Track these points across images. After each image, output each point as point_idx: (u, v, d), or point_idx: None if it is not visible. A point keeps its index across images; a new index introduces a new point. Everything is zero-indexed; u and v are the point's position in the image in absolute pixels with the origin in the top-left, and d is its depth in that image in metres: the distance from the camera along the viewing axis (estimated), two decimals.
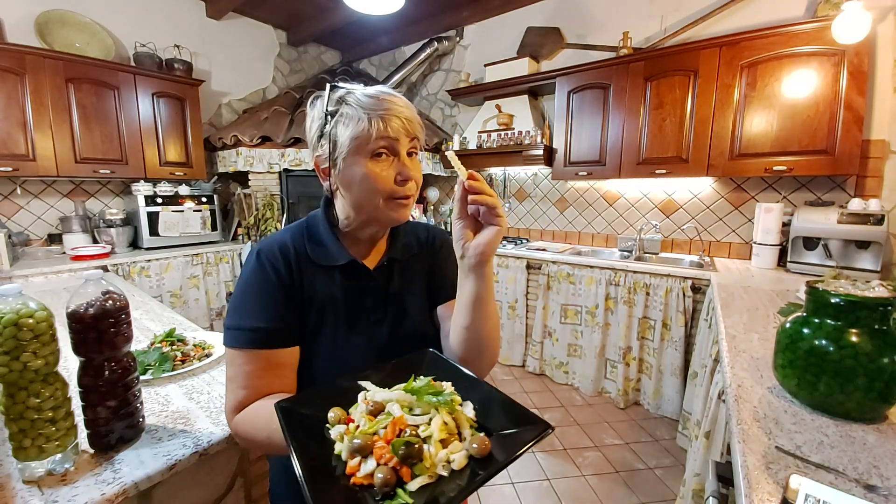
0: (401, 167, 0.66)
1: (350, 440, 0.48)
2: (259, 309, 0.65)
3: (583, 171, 2.84)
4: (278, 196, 3.39)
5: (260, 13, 3.70)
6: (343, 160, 0.65)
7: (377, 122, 0.62)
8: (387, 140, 0.64)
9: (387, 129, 0.63)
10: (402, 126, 0.64)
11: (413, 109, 0.68)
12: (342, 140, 0.64)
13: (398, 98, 0.67)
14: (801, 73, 2.05)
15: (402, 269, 0.78)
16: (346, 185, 0.67)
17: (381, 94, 0.66)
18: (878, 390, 0.67)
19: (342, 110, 0.65)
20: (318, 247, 0.71)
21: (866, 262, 2.00)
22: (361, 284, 0.73)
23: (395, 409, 0.52)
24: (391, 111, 0.64)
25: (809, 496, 0.53)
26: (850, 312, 0.70)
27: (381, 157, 0.64)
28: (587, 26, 3.01)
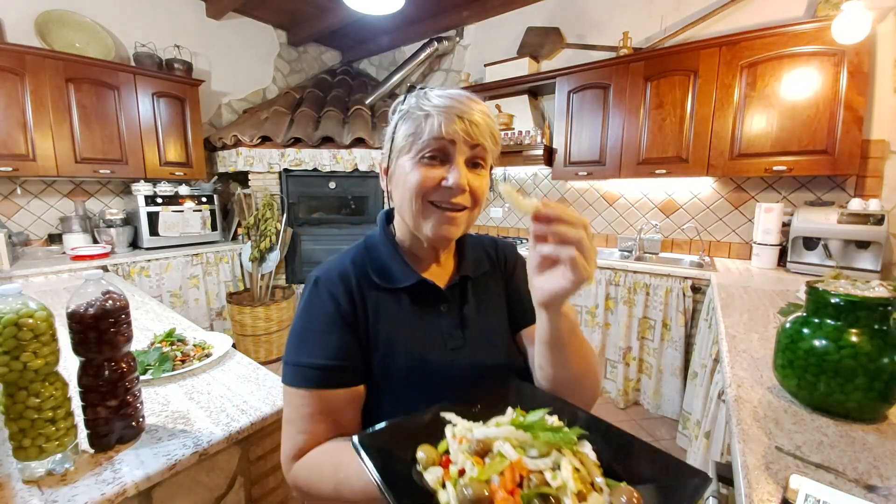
0: (451, 171, 0.57)
1: (460, 489, 0.39)
2: (317, 344, 0.58)
3: (583, 171, 2.84)
4: (278, 196, 3.39)
5: (260, 13, 3.70)
6: (397, 158, 0.61)
7: (433, 119, 0.56)
8: (440, 142, 0.56)
9: (441, 128, 0.56)
10: (462, 129, 0.56)
11: (489, 117, 0.60)
12: (399, 136, 0.60)
13: (475, 101, 0.59)
14: (801, 73, 2.05)
15: (476, 288, 0.69)
16: (395, 183, 0.62)
17: (455, 94, 0.59)
18: (878, 390, 0.67)
19: (410, 109, 0.60)
20: (380, 267, 0.64)
21: (866, 262, 1.99)
22: (433, 307, 0.65)
23: (507, 449, 0.42)
24: (454, 109, 0.57)
25: (809, 496, 0.53)
26: (850, 312, 0.70)
27: (434, 160, 0.58)
28: (587, 26, 3.01)
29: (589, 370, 0.58)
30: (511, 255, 0.78)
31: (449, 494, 0.39)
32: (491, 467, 0.41)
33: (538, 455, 0.42)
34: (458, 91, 0.61)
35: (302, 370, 0.57)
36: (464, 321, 0.65)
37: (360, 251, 0.67)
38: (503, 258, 0.76)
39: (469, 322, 0.65)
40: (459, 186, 0.57)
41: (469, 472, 0.41)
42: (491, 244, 0.78)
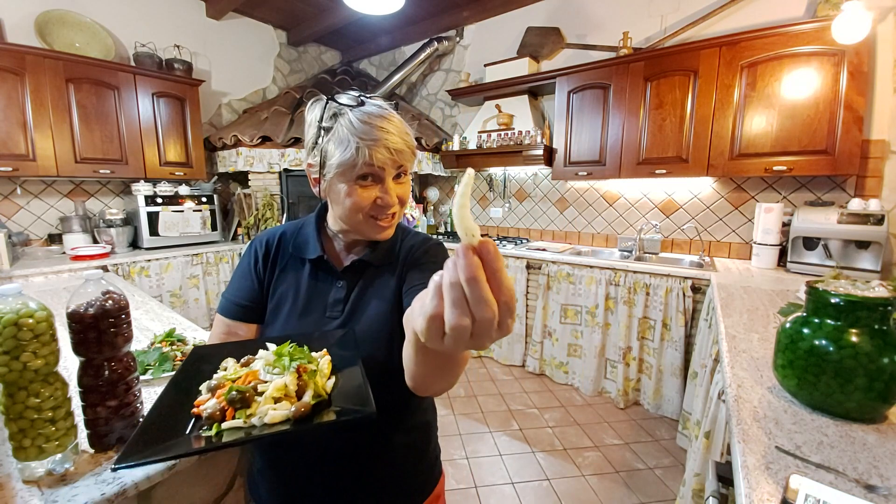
0: (383, 192, 0.68)
1: (208, 382, 0.58)
2: (236, 286, 0.77)
3: (583, 171, 2.84)
4: (278, 196, 3.39)
5: (260, 13, 3.70)
6: (330, 178, 0.69)
7: (364, 150, 0.64)
8: (371, 168, 0.66)
9: (372, 158, 0.64)
10: (388, 157, 0.66)
11: (406, 136, 0.69)
12: (331, 161, 0.67)
13: (392, 125, 0.66)
14: (801, 73, 2.05)
15: (371, 275, 0.77)
16: (333, 199, 0.72)
17: (375, 120, 0.65)
18: (878, 390, 0.67)
19: (335, 128, 0.66)
20: (299, 241, 0.78)
21: (866, 262, 1.99)
22: (327, 281, 0.76)
23: (257, 364, 0.61)
24: (380, 141, 0.64)
25: (809, 496, 0.53)
26: (850, 312, 0.70)
27: (367, 180, 0.67)
28: (587, 26, 3.01)
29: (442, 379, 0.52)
30: (415, 251, 0.79)
31: (205, 384, 0.59)
32: (236, 371, 0.61)
33: (279, 373, 0.59)
34: (377, 112, 0.66)
35: (224, 301, 0.77)
36: (348, 298, 0.75)
37: (296, 226, 0.82)
38: (403, 253, 0.80)
39: (352, 299, 0.75)
40: (390, 204, 0.70)
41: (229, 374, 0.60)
42: (412, 242, 0.81)
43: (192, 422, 0.54)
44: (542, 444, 2.13)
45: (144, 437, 0.50)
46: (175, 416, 0.54)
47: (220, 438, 0.51)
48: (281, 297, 0.76)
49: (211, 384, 0.58)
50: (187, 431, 0.53)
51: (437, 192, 4.05)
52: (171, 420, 0.54)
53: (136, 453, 0.47)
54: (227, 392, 0.55)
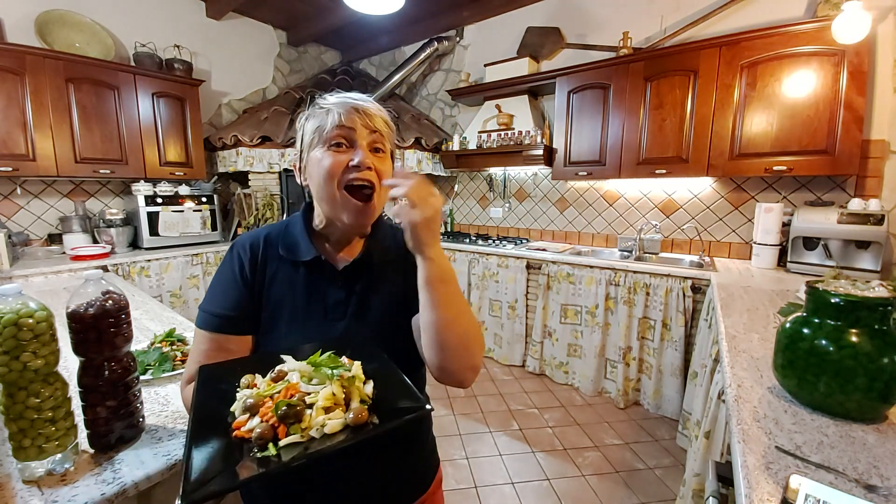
0: (356, 153, 0.66)
1: (244, 399, 0.54)
2: (220, 296, 0.71)
3: (583, 171, 2.84)
4: (278, 196, 3.39)
5: (260, 13, 3.70)
6: (307, 153, 0.70)
7: (334, 114, 0.66)
8: (343, 129, 0.66)
9: (341, 119, 0.66)
10: (358, 117, 0.67)
11: (380, 109, 0.71)
12: (306, 134, 0.69)
13: (363, 97, 0.70)
14: (801, 73, 2.05)
15: (374, 272, 0.75)
16: (309, 175, 0.70)
17: (351, 94, 0.70)
18: (878, 390, 0.67)
19: (313, 110, 0.70)
20: (288, 242, 0.74)
21: (866, 262, 1.99)
22: (325, 282, 0.73)
23: (293, 377, 0.58)
24: (349, 104, 0.67)
25: (809, 496, 0.53)
26: (850, 312, 0.70)
27: (340, 147, 0.67)
28: (587, 26, 3.01)
29: (460, 316, 0.63)
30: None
31: (238, 404, 0.54)
32: (274, 387, 0.56)
33: (317, 384, 0.56)
34: (353, 93, 0.71)
35: (205, 315, 0.69)
36: (349, 298, 0.73)
37: (279, 228, 0.77)
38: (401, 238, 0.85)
39: (355, 300, 0.73)
40: (364, 163, 0.66)
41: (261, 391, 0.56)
42: (396, 234, 0.83)
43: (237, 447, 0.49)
44: (542, 444, 2.13)
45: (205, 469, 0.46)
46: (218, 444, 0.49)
47: (280, 458, 0.47)
48: (277, 304, 0.71)
49: (247, 403, 0.53)
50: (241, 458, 0.48)
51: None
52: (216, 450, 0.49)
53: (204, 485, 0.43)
54: (276, 408, 0.51)
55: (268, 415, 0.51)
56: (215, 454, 0.48)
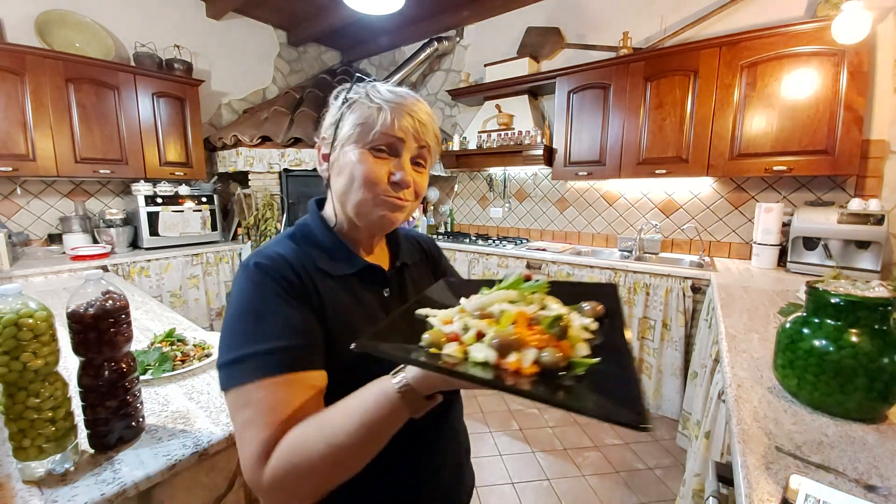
0: (398, 168, 0.59)
1: (489, 342, 0.43)
2: (273, 325, 0.51)
3: (583, 171, 2.84)
4: (278, 196, 3.39)
5: (260, 13, 3.70)
6: (342, 146, 0.61)
7: (386, 113, 0.58)
8: (390, 137, 0.59)
9: (394, 124, 0.58)
10: (412, 126, 0.59)
11: (433, 118, 0.63)
12: (347, 124, 0.60)
13: (421, 102, 0.62)
14: (801, 73, 2.05)
15: (412, 276, 0.73)
16: (338, 170, 0.61)
17: (405, 92, 0.61)
18: (878, 390, 0.67)
19: (359, 99, 0.61)
20: (325, 253, 0.62)
21: (866, 262, 1.99)
22: (377, 293, 0.65)
23: (507, 306, 0.49)
24: (405, 107, 0.59)
25: (809, 496, 0.53)
26: (850, 312, 0.70)
27: (382, 153, 0.59)
28: (587, 26, 3.01)
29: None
30: (435, 248, 0.85)
31: (479, 350, 0.43)
32: (505, 319, 0.46)
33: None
34: (405, 90, 0.62)
35: (259, 359, 0.48)
36: (404, 303, 0.68)
37: (298, 239, 0.63)
38: (430, 250, 0.83)
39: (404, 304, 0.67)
40: (406, 183, 0.60)
41: (486, 331, 0.46)
42: (413, 236, 0.82)
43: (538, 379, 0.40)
44: (542, 444, 2.13)
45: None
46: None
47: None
48: (339, 325, 0.57)
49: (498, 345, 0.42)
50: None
51: (437, 192, 4.05)
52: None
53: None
54: (549, 327, 0.44)
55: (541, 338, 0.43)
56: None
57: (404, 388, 0.44)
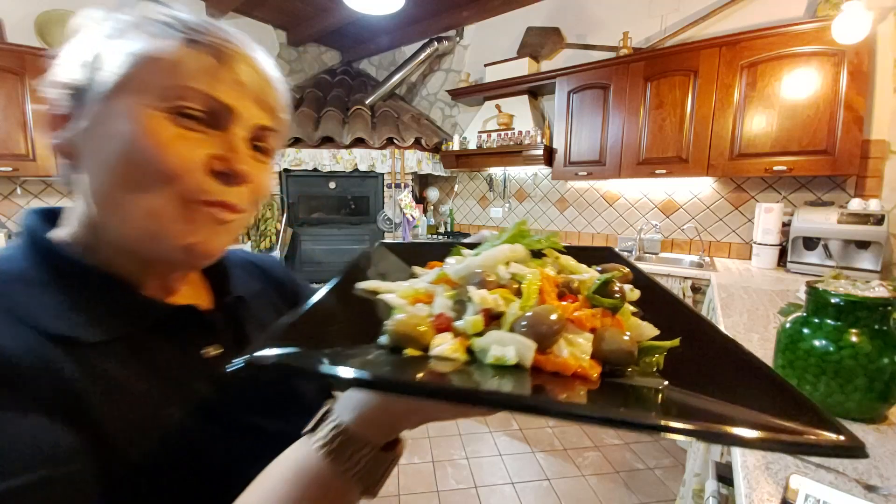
0: (228, 149, 0.34)
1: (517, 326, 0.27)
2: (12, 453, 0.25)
3: (583, 172, 2.84)
4: (278, 196, 3.39)
5: (260, 13, 3.70)
6: (101, 102, 0.32)
7: (206, 55, 0.33)
8: (209, 97, 0.33)
9: (219, 74, 0.34)
10: (254, 83, 0.36)
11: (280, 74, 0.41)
12: (116, 59, 0.32)
13: (262, 50, 0.40)
14: (801, 73, 2.05)
15: (252, 314, 0.46)
16: (94, 152, 0.34)
17: (234, 31, 0.37)
18: (878, 390, 0.67)
19: (143, 21, 0.34)
20: (70, 307, 0.33)
21: (866, 262, 1.99)
22: (189, 352, 0.39)
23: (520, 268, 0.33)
24: (237, 51, 0.35)
25: (809, 496, 0.53)
26: (850, 312, 0.70)
27: (192, 120, 0.33)
28: (587, 26, 3.01)
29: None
30: (284, 271, 0.59)
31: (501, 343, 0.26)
32: (531, 286, 0.29)
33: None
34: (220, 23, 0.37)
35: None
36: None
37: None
38: (277, 274, 0.57)
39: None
40: (241, 174, 0.35)
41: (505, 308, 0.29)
42: (243, 257, 0.54)
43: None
44: (542, 444, 2.13)
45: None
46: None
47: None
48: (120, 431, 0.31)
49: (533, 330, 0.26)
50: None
51: (437, 192, 4.05)
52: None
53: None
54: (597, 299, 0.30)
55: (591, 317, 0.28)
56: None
57: (338, 444, 0.26)
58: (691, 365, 0.28)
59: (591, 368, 0.26)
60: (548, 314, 0.27)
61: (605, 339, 0.27)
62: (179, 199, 0.33)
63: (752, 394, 0.24)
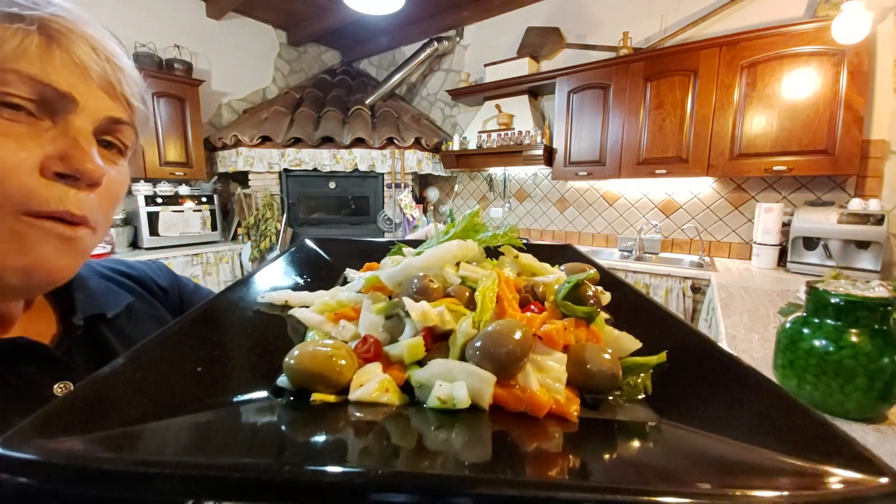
0: (68, 144, 0.29)
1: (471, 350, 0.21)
2: None
3: (583, 171, 2.84)
4: (278, 196, 3.39)
5: (260, 13, 3.70)
6: None
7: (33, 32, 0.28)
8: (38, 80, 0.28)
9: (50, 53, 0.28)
10: (96, 62, 0.31)
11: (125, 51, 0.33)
12: None
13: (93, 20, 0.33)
14: (801, 73, 2.05)
15: (126, 334, 0.40)
16: None
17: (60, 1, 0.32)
18: (878, 390, 0.67)
19: None
20: None
21: (866, 262, 1.99)
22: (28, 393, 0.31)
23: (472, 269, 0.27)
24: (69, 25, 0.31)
25: None
26: (850, 312, 0.70)
27: (16, 111, 0.27)
28: (587, 26, 3.01)
29: None
30: (164, 274, 0.51)
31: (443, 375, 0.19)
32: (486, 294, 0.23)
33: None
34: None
35: None
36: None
37: None
38: (152, 278, 0.49)
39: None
40: (88, 174, 0.29)
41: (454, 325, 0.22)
42: (109, 267, 0.47)
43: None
44: None
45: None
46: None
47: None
48: None
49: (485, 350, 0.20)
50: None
51: (437, 192, 4.05)
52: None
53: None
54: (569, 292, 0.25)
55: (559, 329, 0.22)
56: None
57: None
58: (682, 385, 0.23)
59: (568, 403, 0.19)
60: (510, 331, 0.20)
61: (583, 361, 0.21)
62: (7, 211, 0.27)
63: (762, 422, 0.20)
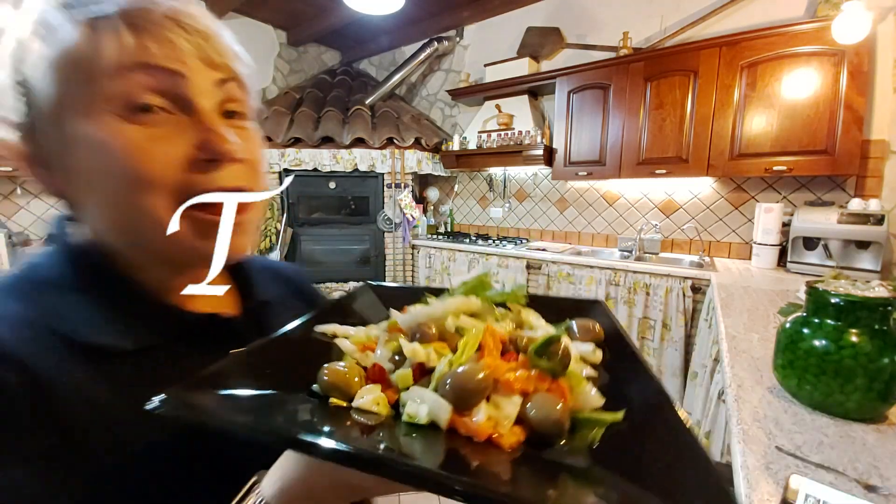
0: (204, 131, 0.31)
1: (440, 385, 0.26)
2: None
3: (583, 171, 2.84)
4: (278, 196, 3.39)
5: (260, 13, 3.70)
6: (57, 123, 0.30)
7: (123, 31, 0.28)
8: (156, 70, 0.29)
9: (145, 45, 0.29)
10: (188, 41, 0.30)
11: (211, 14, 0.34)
12: (40, 79, 0.29)
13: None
14: (801, 73, 2.05)
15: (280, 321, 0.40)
16: (79, 179, 0.32)
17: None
18: (878, 390, 0.67)
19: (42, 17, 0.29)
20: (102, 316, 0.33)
21: (866, 262, 1.99)
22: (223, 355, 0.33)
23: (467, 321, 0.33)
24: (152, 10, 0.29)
25: (809, 496, 0.53)
26: (850, 312, 0.70)
27: (153, 113, 0.29)
28: (587, 26, 3.01)
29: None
30: (305, 279, 0.59)
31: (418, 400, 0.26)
32: (469, 342, 0.29)
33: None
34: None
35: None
36: None
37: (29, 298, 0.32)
38: (299, 280, 0.56)
39: None
40: (228, 151, 0.31)
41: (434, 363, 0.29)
42: (266, 265, 0.53)
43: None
44: None
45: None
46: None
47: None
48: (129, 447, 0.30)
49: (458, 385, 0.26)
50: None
51: (437, 192, 4.05)
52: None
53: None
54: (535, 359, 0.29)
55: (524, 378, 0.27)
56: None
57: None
58: (630, 445, 0.26)
59: (508, 436, 0.24)
60: (473, 374, 0.26)
61: (531, 406, 0.26)
62: (165, 208, 0.31)
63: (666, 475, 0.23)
